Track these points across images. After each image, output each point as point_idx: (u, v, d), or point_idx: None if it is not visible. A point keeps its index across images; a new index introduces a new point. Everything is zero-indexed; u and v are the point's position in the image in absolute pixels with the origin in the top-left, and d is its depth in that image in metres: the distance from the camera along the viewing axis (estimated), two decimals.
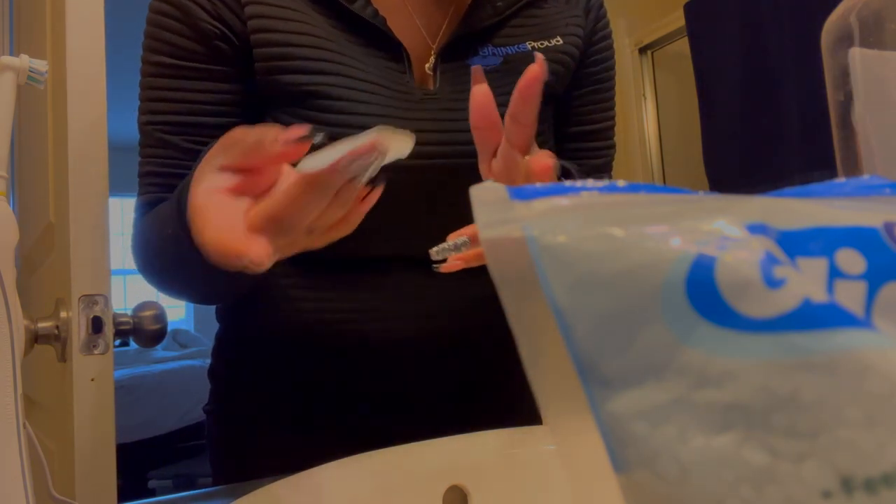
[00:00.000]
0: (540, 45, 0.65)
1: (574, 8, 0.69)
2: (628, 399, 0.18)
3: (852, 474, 0.16)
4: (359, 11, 0.59)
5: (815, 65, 0.46)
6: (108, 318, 0.84)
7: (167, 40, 0.58)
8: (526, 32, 0.65)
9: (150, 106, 0.61)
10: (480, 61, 0.62)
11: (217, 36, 0.58)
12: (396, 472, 0.48)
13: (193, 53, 0.58)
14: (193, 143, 0.60)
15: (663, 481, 0.17)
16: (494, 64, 0.63)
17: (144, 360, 3.86)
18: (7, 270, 0.38)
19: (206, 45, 0.58)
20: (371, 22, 0.60)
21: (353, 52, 0.59)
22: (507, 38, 0.64)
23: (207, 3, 0.58)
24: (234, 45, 0.58)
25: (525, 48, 0.64)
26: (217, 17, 0.58)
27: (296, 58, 0.57)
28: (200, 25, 0.57)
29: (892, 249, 0.19)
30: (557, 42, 0.66)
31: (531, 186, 0.21)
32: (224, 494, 0.54)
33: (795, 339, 0.17)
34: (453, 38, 0.62)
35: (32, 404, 1.11)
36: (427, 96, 0.60)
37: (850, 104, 0.42)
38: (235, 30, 0.58)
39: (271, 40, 0.57)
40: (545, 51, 0.65)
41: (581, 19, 0.68)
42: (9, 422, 0.36)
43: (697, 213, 0.19)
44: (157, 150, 0.61)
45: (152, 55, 0.60)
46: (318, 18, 0.59)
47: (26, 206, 1.25)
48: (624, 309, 0.18)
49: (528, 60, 0.62)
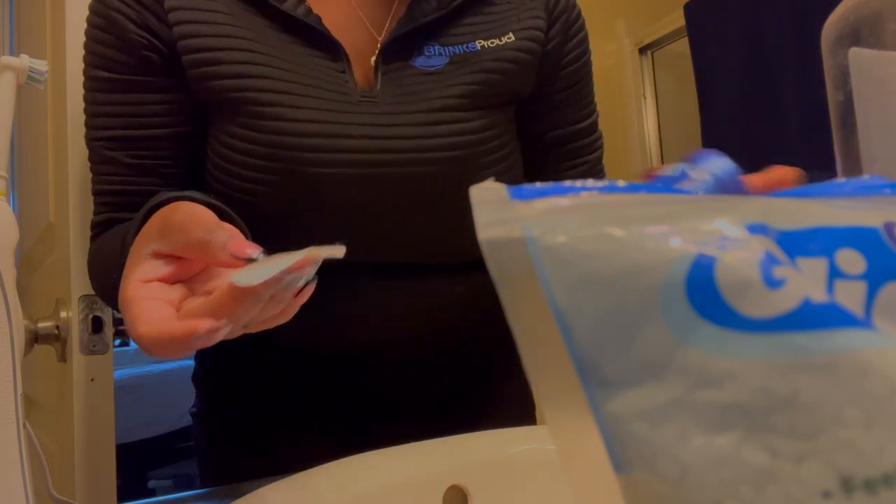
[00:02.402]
0: (490, 43, 0.61)
1: (532, 2, 0.64)
2: (628, 399, 0.18)
3: (852, 474, 0.16)
4: (290, 10, 0.56)
5: (815, 65, 0.46)
6: (108, 318, 0.84)
7: (100, 53, 0.57)
8: (475, 30, 0.61)
9: (91, 122, 0.59)
10: (424, 61, 0.59)
11: (145, 46, 0.55)
12: (396, 472, 0.48)
13: (125, 66, 0.56)
14: (136, 158, 0.58)
15: (663, 481, 0.17)
16: (439, 65, 0.59)
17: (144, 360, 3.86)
18: (7, 270, 0.38)
19: (135, 55, 0.56)
20: (304, 21, 0.56)
21: (286, 54, 0.56)
22: (455, 36, 0.60)
23: (133, 12, 0.55)
24: (164, 53, 0.56)
25: (474, 47, 0.60)
26: (143, 27, 0.55)
27: (223, 62, 0.54)
28: (128, 36, 0.55)
29: (891, 249, 0.19)
30: (509, 39, 0.61)
31: (531, 186, 0.21)
32: (224, 494, 0.54)
33: (795, 339, 0.17)
34: (396, 36, 0.58)
35: (32, 404, 1.11)
36: (365, 99, 0.57)
37: (850, 104, 0.42)
38: (162, 37, 0.55)
39: (197, 46, 0.55)
40: (496, 49, 0.61)
41: (540, 12, 0.64)
42: (9, 422, 0.36)
43: (697, 213, 0.19)
44: (102, 166, 0.59)
45: (89, 69, 0.58)
46: (248, 19, 0.56)
47: (26, 206, 1.25)
48: (624, 309, 0.18)
49: (476, 60, 0.59)
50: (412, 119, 0.56)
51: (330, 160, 0.55)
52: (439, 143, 0.56)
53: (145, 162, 0.58)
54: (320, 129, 0.54)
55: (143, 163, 0.58)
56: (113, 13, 0.56)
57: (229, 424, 0.70)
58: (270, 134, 0.54)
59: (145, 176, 0.58)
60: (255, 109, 0.54)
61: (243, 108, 0.55)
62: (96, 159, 0.59)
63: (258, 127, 0.54)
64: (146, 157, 0.58)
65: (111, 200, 0.59)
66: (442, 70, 0.59)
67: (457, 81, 0.58)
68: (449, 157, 0.57)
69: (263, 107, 0.54)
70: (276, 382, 0.68)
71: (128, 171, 0.58)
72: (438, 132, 0.57)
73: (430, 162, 0.56)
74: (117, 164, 0.58)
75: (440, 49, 0.59)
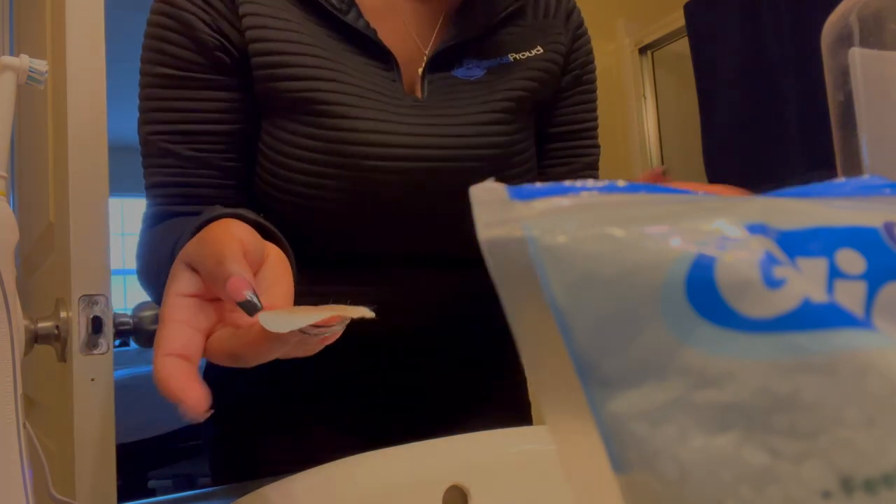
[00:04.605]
0: (521, 55, 0.68)
1: (553, 19, 0.72)
2: (628, 399, 0.18)
3: (852, 474, 0.16)
4: (352, 22, 0.62)
5: (815, 65, 0.46)
6: (108, 318, 0.84)
7: (169, 52, 0.60)
8: (508, 44, 0.68)
9: (151, 116, 0.62)
10: (465, 72, 0.66)
11: (217, 47, 0.60)
12: (396, 472, 0.48)
13: (195, 64, 0.60)
14: (196, 151, 0.61)
15: (663, 482, 0.17)
16: (478, 76, 0.66)
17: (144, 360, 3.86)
18: (7, 270, 0.38)
19: (206, 56, 0.60)
20: (363, 32, 0.62)
21: (346, 60, 0.61)
22: (490, 49, 0.68)
23: (206, 15, 0.59)
24: (233, 55, 0.60)
25: (507, 60, 0.67)
26: (216, 30, 0.60)
27: (292, 65, 0.59)
28: (201, 37, 0.59)
29: (891, 249, 0.19)
30: (538, 52, 0.69)
31: (531, 186, 0.21)
32: (224, 494, 0.54)
33: (795, 339, 0.17)
34: (441, 49, 0.65)
35: (32, 404, 1.11)
36: (417, 104, 0.63)
37: (850, 104, 0.42)
38: (234, 41, 0.60)
39: (268, 49, 0.59)
40: (526, 61, 0.68)
41: (561, 28, 0.72)
42: (9, 422, 0.36)
43: (697, 213, 0.19)
44: (161, 160, 0.62)
45: (154, 67, 0.61)
46: (312, 28, 0.61)
47: (26, 206, 1.25)
48: (624, 309, 0.18)
49: (510, 71, 0.67)
50: (458, 121, 0.63)
51: (385, 157, 0.60)
52: (481, 142, 0.63)
53: (204, 155, 0.61)
54: (377, 129, 0.60)
55: (202, 156, 0.61)
56: (185, 14, 0.59)
57: (242, 421, 0.71)
58: (333, 131, 0.59)
59: (204, 168, 0.62)
60: (319, 108, 0.59)
61: (309, 108, 0.59)
62: (154, 153, 0.62)
63: (321, 125, 0.59)
64: (205, 151, 0.61)
65: (170, 192, 0.63)
66: (481, 80, 0.66)
67: (497, 90, 0.65)
68: (489, 155, 0.63)
69: (328, 106, 0.59)
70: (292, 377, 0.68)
71: (187, 163, 0.61)
72: (482, 132, 0.63)
73: (475, 158, 0.63)
74: (177, 156, 0.61)
75: (477, 62, 0.67)
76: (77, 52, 0.85)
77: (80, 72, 0.85)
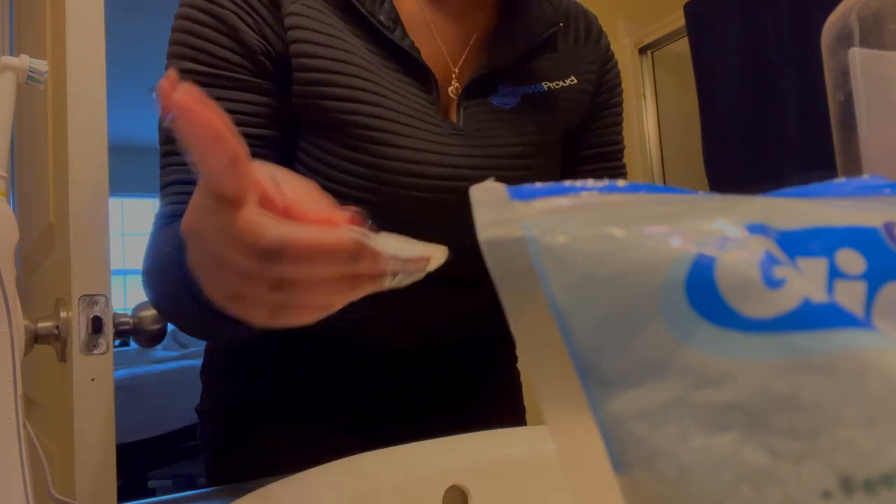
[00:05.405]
0: (556, 84, 0.68)
1: (585, 47, 0.73)
2: (628, 399, 0.18)
3: (852, 474, 0.16)
4: (398, 41, 0.61)
5: (815, 65, 0.46)
6: (108, 318, 0.84)
7: (203, 49, 0.58)
8: (542, 73, 0.68)
9: None
10: (500, 100, 0.65)
11: (261, 51, 0.58)
12: (396, 472, 0.48)
13: (234, 65, 0.58)
14: None
15: (663, 481, 0.17)
16: (512, 104, 0.65)
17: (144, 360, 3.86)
18: (7, 270, 0.38)
19: (248, 58, 0.58)
20: (409, 52, 0.61)
21: (388, 80, 0.61)
22: (525, 77, 0.67)
23: (249, 18, 0.58)
24: (275, 62, 0.59)
25: (541, 88, 0.67)
26: (260, 34, 0.58)
27: (337, 85, 0.58)
28: (244, 38, 0.57)
29: (891, 249, 0.19)
30: (572, 82, 0.69)
31: (531, 186, 0.21)
32: (224, 494, 0.54)
33: (795, 339, 0.17)
34: (477, 76, 0.64)
35: (32, 404, 1.11)
36: (455, 132, 0.63)
37: (850, 104, 0.42)
38: (276, 49, 0.58)
39: (314, 66, 0.58)
40: (560, 91, 0.68)
41: (592, 56, 0.73)
42: (9, 422, 0.36)
43: (697, 213, 0.19)
44: (182, 157, 0.60)
45: (184, 62, 0.59)
46: (357, 43, 0.60)
47: (26, 206, 1.25)
48: (624, 309, 0.18)
49: (544, 101, 0.67)
50: (493, 153, 0.63)
51: (421, 187, 0.60)
52: (511, 175, 0.64)
53: None
54: (418, 159, 0.60)
55: None
56: (228, 13, 0.57)
57: (240, 421, 0.70)
58: (374, 158, 0.58)
59: None
60: (363, 133, 0.58)
61: (352, 132, 0.58)
62: (175, 150, 0.59)
63: (363, 149, 0.58)
64: None
65: (188, 190, 0.60)
66: (516, 108, 0.66)
67: (531, 122, 0.66)
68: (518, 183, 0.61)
69: (372, 132, 0.58)
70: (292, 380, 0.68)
71: None
72: (514, 165, 0.64)
73: None
74: None
75: (512, 89, 0.66)
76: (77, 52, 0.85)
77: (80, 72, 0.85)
